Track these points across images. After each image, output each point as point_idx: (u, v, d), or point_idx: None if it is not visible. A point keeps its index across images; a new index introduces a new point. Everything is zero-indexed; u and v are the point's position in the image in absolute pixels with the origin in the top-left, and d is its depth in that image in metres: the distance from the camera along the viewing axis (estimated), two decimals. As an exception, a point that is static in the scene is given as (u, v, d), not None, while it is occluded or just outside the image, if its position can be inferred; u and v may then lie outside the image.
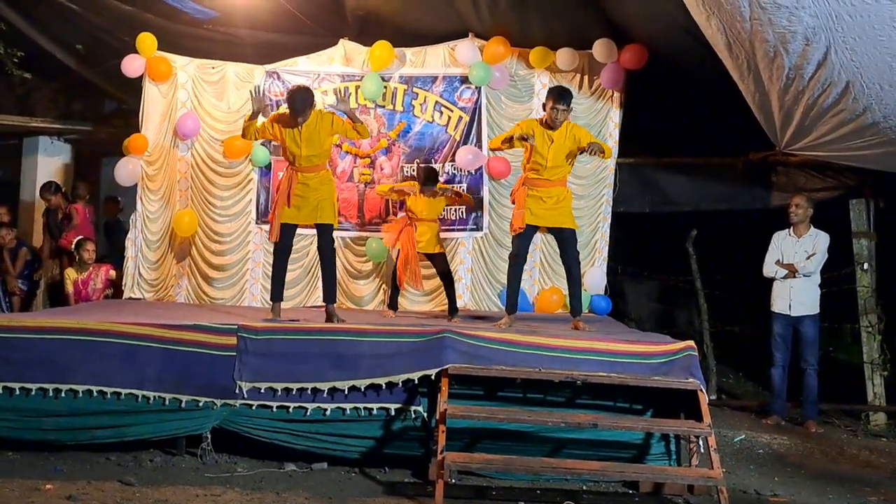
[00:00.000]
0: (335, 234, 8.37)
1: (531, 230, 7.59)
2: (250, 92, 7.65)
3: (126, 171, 9.85)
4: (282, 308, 7.74)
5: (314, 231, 7.85)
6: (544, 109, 7.60)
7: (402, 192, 8.70)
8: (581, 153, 7.56)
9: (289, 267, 8.35)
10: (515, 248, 7.67)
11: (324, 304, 7.77)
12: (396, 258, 8.66)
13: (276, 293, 7.73)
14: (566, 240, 7.59)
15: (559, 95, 7.46)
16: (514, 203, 7.75)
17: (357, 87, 9.79)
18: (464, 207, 9.61)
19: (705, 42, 7.35)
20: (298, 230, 7.80)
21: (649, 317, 11.72)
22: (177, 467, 6.41)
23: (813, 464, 7.26)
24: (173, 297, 9.86)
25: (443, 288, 8.76)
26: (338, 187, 9.45)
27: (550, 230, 7.68)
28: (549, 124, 7.46)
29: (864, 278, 9.27)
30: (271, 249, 9.45)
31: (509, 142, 7.57)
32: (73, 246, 9.75)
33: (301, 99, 7.33)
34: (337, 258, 9.62)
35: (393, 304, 8.71)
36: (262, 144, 9.61)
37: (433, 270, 9.00)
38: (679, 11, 7.18)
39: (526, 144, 7.43)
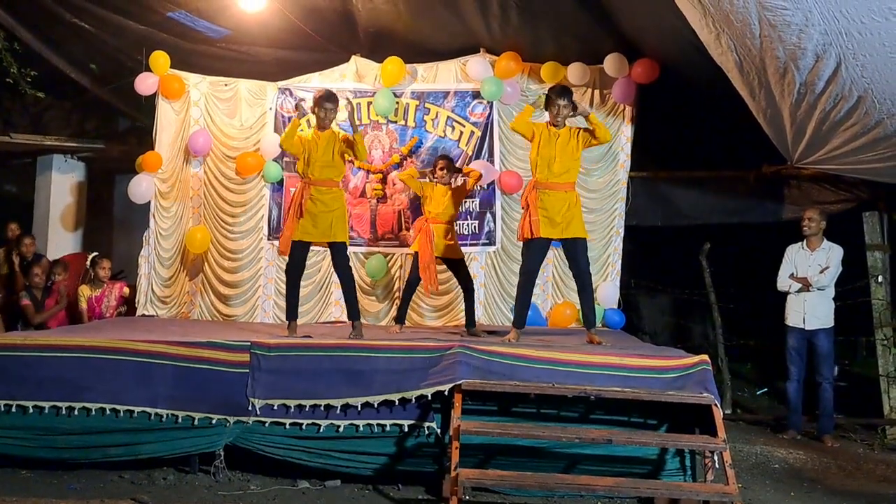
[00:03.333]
0: (348, 249, 8.39)
1: (545, 243, 7.52)
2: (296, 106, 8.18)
3: (140, 188, 9.89)
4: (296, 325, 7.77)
5: (325, 248, 7.87)
6: (547, 109, 7.58)
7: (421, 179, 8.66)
8: (587, 143, 7.51)
9: (301, 283, 8.32)
10: (528, 262, 7.56)
11: (347, 320, 7.84)
12: (411, 266, 8.62)
13: (292, 312, 7.77)
14: (577, 249, 7.48)
15: (558, 92, 7.50)
16: (524, 209, 7.64)
17: (369, 103, 9.83)
18: (476, 222, 9.62)
19: (714, 56, 7.37)
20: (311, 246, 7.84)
21: (663, 331, 11.69)
22: (190, 485, 6.42)
23: (829, 478, 7.21)
24: (186, 314, 9.90)
25: (457, 301, 8.71)
26: (350, 203, 9.51)
27: (561, 240, 7.60)
28: (554, 123, 7.46)
29: (879, 291, 9.23)
30: (283, 266, 9.52)
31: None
32: (88, 262, 9.74)
33: (324, 107, 7.64)
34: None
35: (401, 318, 8.63)
36: (275, 161, 9.68)
37: (446, 285, 8.99)
38: (687, 27, 7.17)
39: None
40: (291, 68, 10.00)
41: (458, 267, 8.54)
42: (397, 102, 9.81)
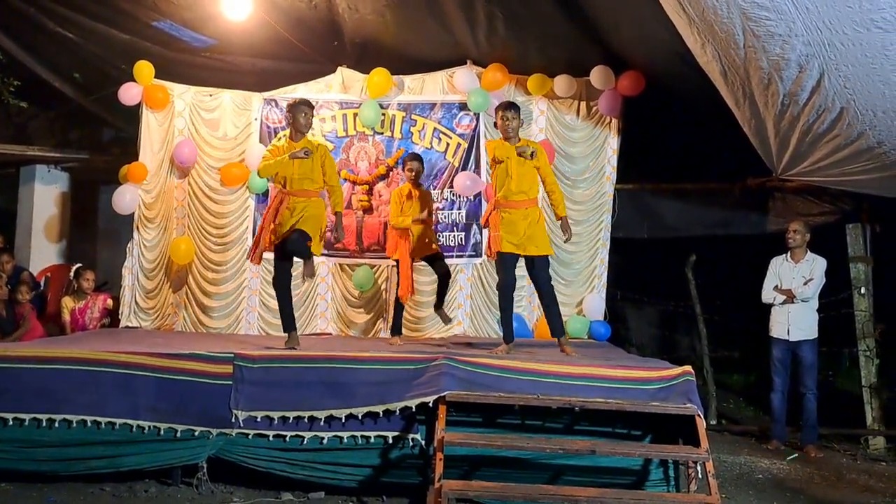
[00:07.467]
0: (334, 259, 8.39)
1: (513, 258, 7.51)
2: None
3: (124, 199, 9.83)
4: (276, 336, 7.69)
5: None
6: (496, 127, 7.64)
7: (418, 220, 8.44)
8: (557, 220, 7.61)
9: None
10: (502, 278, 7.55)
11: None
12: (398, 279, 8.52)
13: (289, 322, 7.64)
14: (537, 266, 7.50)
15: (505, 107, 7.54)
16: (485, 227, 7.76)
17: (355, 114, 9.82)
18: (462, 234, 9.64)
19: (701, 69, 7.38)
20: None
21: (650, 342, 11.70)
22: (172, 497, 6.37)
23: (812, 489, 7.20)
24: (170, 325, 9.84)
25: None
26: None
27: (524, 257, 7.57)
28: (505, 136, 7.48)
29: (862, 302, 9.25)
30: (268, 278, 9.45)
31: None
32: (71, 274, 9.67)
33: (303, 111, 7.53)
34: (335, 284, 9.65)
35: (397, 329, 8.58)
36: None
37: (429, 299, 8.96)
38: (674, 38, 7.20)
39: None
40: (277, 79, 9.98)
41: (437, 261, 8.52)
42: (383, 114, 9.81)
